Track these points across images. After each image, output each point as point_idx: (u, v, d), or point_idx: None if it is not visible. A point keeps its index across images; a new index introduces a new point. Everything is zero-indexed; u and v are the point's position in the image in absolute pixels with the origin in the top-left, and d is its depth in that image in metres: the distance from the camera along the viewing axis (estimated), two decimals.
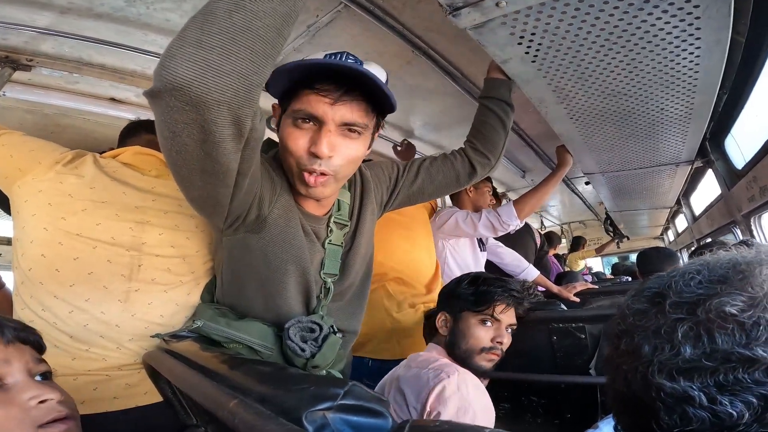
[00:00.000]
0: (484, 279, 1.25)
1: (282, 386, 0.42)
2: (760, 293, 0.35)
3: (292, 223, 0.88)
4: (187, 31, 0.53)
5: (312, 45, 1.38)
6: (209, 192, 0.70)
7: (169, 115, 0.55)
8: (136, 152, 1.13)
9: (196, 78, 0.51)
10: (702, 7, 0.85)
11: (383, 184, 1.10)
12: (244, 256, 0.88)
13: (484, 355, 1.17)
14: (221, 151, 0.60)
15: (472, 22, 0.92)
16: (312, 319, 0.86)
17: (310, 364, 0.82)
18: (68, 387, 0.93)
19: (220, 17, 0.52)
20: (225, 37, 0.52)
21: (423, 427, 0.29)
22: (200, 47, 0.51)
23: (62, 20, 1.24)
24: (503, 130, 1.22)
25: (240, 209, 0.78)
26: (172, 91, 0.52)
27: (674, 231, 4.86)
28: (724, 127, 1.85)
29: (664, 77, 1.16)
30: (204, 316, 0.89)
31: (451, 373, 1.03)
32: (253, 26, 0.53)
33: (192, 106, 0.53)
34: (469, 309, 1.21)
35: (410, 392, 1.06)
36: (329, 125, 0.78)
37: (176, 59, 0.51)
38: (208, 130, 0.56)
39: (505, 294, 1.21)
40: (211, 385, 0.47)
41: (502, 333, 1.20)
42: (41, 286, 0.96)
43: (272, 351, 0.87)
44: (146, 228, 1.04)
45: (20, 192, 1.00)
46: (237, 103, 0.55)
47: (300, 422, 0.34)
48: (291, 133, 0.80)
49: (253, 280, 0.90)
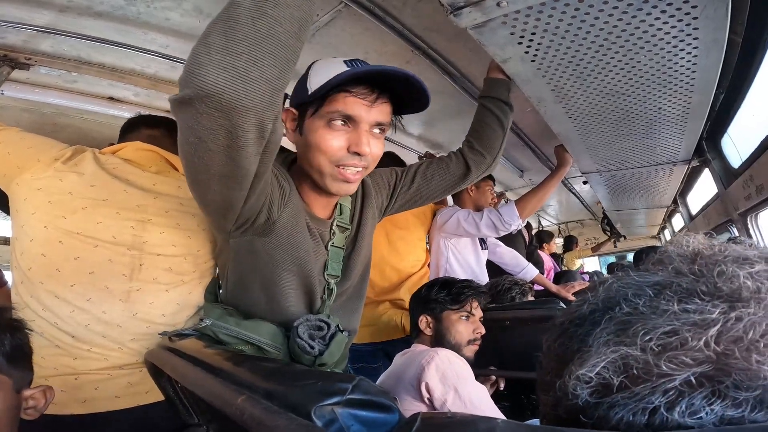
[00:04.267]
0: (453, 282, 1.44)
1: (289, 382, 0.42)
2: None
3: (300, 226, 0.90)
4: (211, 37, 0.54)
5: (312, 44, 1.38)
6: (225, 196, 0.72)
7: (197, 121, 0.56)
8: (137, 148, 1.12)
9: (227, 85, 0.53)
10: (699, 7, 0.86)
11: (383, 189, 1.13)
12: (250, 258, 0.89)
13: (470, 346, 1.36)
14: (244, 154, 0.62)
15: (473, 21, 0.92)
16: (320, 317, 0.89)
17: (318, 361, 0.84)
18: (69, 386, 0.93)
19: (244, 23, 0.53)
20: (250, 44, 0.53)
21: (434, 418, 0.29)
22: (228, 54, 0.53)
23: (61, 19, 1.24)
24: (501, 130, 1.24)
25: (250, 212, 0.80)
26: (204, 98, 0.53)
27: (671, 230, 4.88)
28: (720, 126, 1.87)
29: (661, 77, 1.17)
30: (212, 315, 0.90)
31: (438, 350, 1.21)
32: (275, 32, 0.55)
33: (222, 112, 0.55)
34: (448, 309, 1.38)
35: (407, 372, 1.19)
36: (364, 125, 0.83)
37: (205, 67, 0.53)
38: (234, 134, 0.58)
39: (474, 291, 1.41)
40: (217, 382, 0.47)
41: (478, 325, 1.40)
42: (41, 285, 0.95)
43: (280, 350, 0.88)
44: (147, 227, 1.04)
45: (19, 190, 0.98)
46: (262, 107, 0.57)
47: (309, 417, 0.35)
48: (325, 134, 0.83)
49: (259, 281, 0.91)
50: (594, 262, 7.67)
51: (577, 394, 0.30)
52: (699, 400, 0.27)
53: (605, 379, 0.29)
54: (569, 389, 0.31)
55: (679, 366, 0.27)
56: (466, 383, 1.13)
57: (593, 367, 0.30)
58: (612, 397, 0.29)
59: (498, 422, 0.27)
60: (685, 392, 0.27)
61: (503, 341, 1.65)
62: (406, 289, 1.97)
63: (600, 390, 0.30)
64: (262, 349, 0.88)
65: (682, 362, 0.27)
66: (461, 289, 1.40)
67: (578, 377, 0.30)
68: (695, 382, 0.27)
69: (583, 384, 0.30)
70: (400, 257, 2.00)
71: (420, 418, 0.29)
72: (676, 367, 0.27)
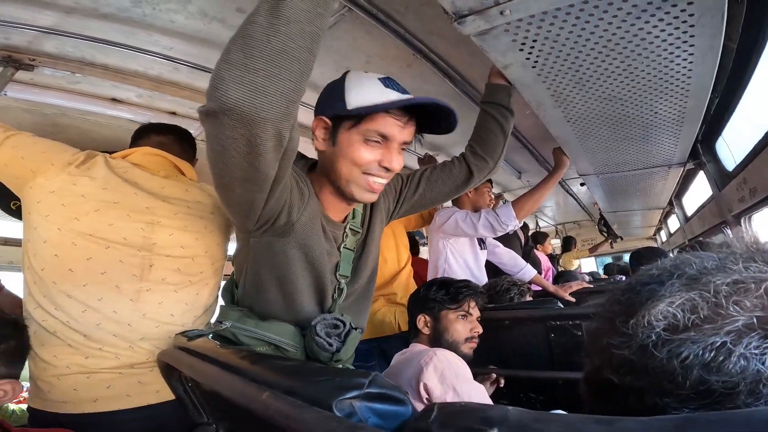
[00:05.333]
0: (451, 282, 1.47)
1: (308, 378, 0.44)
2: (631, 330, 0.38)
3: (316, 228, 0.95)
4: (231, 54, 0.59)
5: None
6: (246, 198, 0.77)
7: (220, 131, 0.62)
8: (145, 153, 1.16)
9: (246, 99, 0.58)
10: (696, 15, 0.89)
11: (390, 195, 1.18)
12: (268, 257, 0.93)
13: (468, 344, 1.39)
14: (263, 161, 0.67)
15: (476, 29, 0.94)
16: (335, 316, 0.93)
17: (335, 358, 0.89)
18: (81, 384, 0.95)
19: (259, 41, 0.58)
20: (266, 61, 0.58)
21: (449, 406, 0.31)
22: (246, 70, 0.58)
23: (66, 20, 1.25)
24: (502, 135, 1.27)
25: (270, 214, 0.84)
26: (226, 111, 0.59)
27: (667, 231, 4.92)
28: (715, 130, 1.90)
29: (658, 82, 1.20)
30: (231, 318, 0.94)
31: (437, 350, 1.23)
32: (289, 48, 0.59)
33: (242, 124, 0.60)
34: (447, 308, 1.41)
35: (405, 372, 1.21)
36: (395, 144, 0.90)
37: (227, 82, 0.58)
38: (253, 143, 0.63)
39: (472, 291, 1.44)
40: (237, 379, 0.49)
41: (476, 324, 1.43)
42: (54, 285, 0.97)
43: (297, 349, 0.93)
44: (156, 229, 1.06)
45: (32, 193, 1.01)
46: (279, 118, 0.62)
47: (330, 410, 0.37)
48: (361, 149, 0.90)
49: (275, 280, 0.95)
50: (591, 263, 7.72)
51: (653, 326, 0.35)
52: (756, 340, 0.31)
53: (676, 318, 0.34)
54: (644, 324, 0.36)
55: (742, 309, 0.33)
56: (465, 383, 1.15)
57: (669, 305, 0.35)
58: (683, 334, 0.34)
59: (509, 409, 0.29)
60: (745, 333, 0.32)
61: (502, 340, 1.67)
62: (398, 284, 2.01)
63: (670, 328, 0.34)
64: (281, 348, 0.92)
65: (745, 306, 0.33)
66: (459, 288, 1.43)
67: (654, 313, 0.35)
68: (756, 324, 0.32)
69: (660, 318, 0.35)
70: (386, 254, 2.05)
71: (436, 407, 0.31)
72: (740, 310, 0.33)
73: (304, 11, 0.60)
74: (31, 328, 0.99)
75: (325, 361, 0.90)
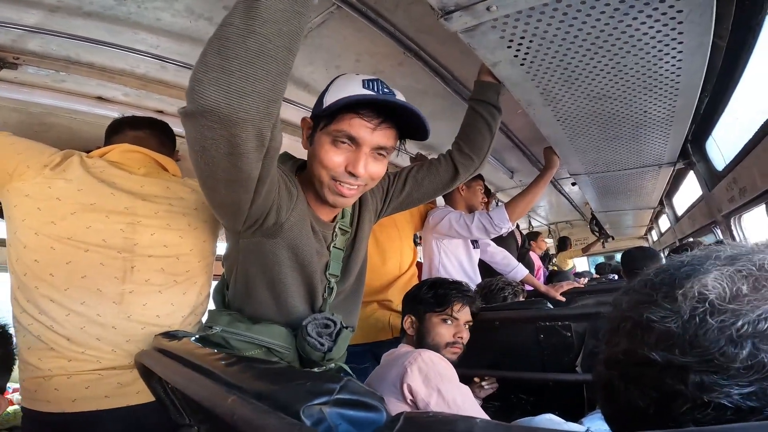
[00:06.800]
0: (442, 283, 1.43)
1: (278, 382, 0.43)
2: (676, 307, 0.37)
3: (306, 229, 0.94)
4: (208, 56, 0.58)
5: (304, 45, 1.38)
6: (232, 198, 0.76)
7: (200, 132, 0.62)
8: (124, 150, 1.13)
9: (224, 101, 0.57)
10: (685, 12, 0.88)
11: (378, 194, 1.18)
12: (258, 258, 0.92)
13: (449, 349, 1.34)
14: (245, 161, 0.66)
15: (463, 25, 0.93)
16: (326, 315, 0.94)
17: (327, 357, 0.89)
18: (62, 385, 0.96)
19: (235, 43, 0.57)
20: (242, 62, 0.57)
21: (416, 417, 0.30)
22: (222, 72, 0.57)
23: (51, 18, 1.23)
24: (489, 133, 1.27)
25: (258, 214, 0.83)
26: (204, 113, 0.59)
27: (657, 231, 4.96)
28: (705, 129, 1.90)
29: (647, 80, 1.19)
30: (221, 322, 0.93)
31: (422, 352, 1.20)
32: (266, 49, 0.58)
33: (221, 125, 0.60)
34: (431, 310, 1.37)
35: (390, 373, 1.19)
36: (365, 148, 0.88)
37: (204, 84, 0.58)
38: (234, 143, 0.62)
39: (460, 295, 1.39)
40: (208, 382, 0.48)
41: (461, 329, 1.37)
42: (36, 290, 0.97)
43: (289, 350, 0.93)
44: (137, 229, 1.05)
45: (9, 196, 1.00)
46: (259, 118, 0.61)
47: (298, 416, 0.35)
48: (329, 151, 0.88)
49: (266, 281, 0.94)
50: (583, 263, 7.77)
51: (704, 295, 0.35)
52: None
53: (726, 289, 0.35)
54: (694, 294, 0.35)
55: None
56: (450, 384, 1.13)
57: (718, 276, 0.36)
58: (735, 303, 0.33)
59: (476, 421, 0.28)
60: None
61: (492, 341, 1.66)
62: (395, 290, 1.97)
63: (722, 297, 0.34)
64: (272, 351, 0.92)
65: None
66: (447, 291, 1.39)
67: (704, 284, 0.35)
68: None
69: (710, 288, 0.35)
70: (387, 257, 2.00)
71: (403, 417, 0.30)
72: None
73: (281, 11, 0.58)
74: (19, 333, 1.00)
75: (318, 361, 0.90)
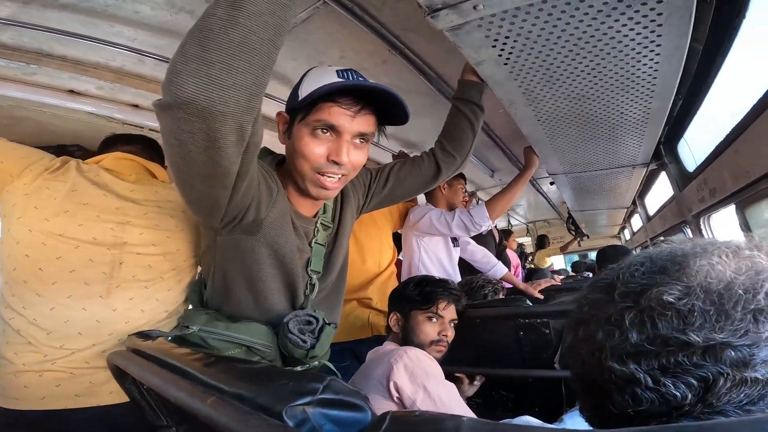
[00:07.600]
0: (428, 281, 1.43)
1: (259, 382, 0.41)
2: (694, 282, 0.39)
3: (286, 225, 0.92)
4: (187, 47, 0.56)
5: (289, 41, 1.36)
6: (209, 195, 0.74)
7: (176, 125, 0.59)
8: (116, 157, 1.20)
9: (201, 92, 0.55)
10: (665, 14, 0.90)
11: (359, 189, 1.17)
12: (236, 256, 0.90)
13: (434, 347, 1.34)
14: (223, 155, 0.64)
15: (449, 23, 0.93)
16: (308, 312, 0.92)
17: (310, 354, 0.87)
18: (32, 382, 0.97)
19: (217, 33, 0.55)
20: (224, 53, 0.55)
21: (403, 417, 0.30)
22: (202, 63, 0.55)
23: (24, 11, 1.18)
24: (471, 132, 1.28)
25: (236, 210, 0.81)
26: (181, 105, 0.56)
27: (630, 230, 5.11)
28: (677, 131, 1.96)
29: (625, 82, 1.22)
30: (198, 322, 0.90)
31: (407, 349, 1.21)
32: (249, 40, 0.56)
33: (199, 118, 0.57)
34: (416, 308, 1.38)
35: (376, 371, 1.19)
36: (346, 136, 0.86)
37: (182, 75, 0.55)
38: (212, 137, 0.60)
39: (446, 293, 1.39)
40: (186, 383, 0.46)
41: (446, 327, 1.38)
42: (24, 284, 1.00)
43: (270, 349, 0.91)
44: (127, 228, 1.09)
45: (8, 197, 1.05)
46: (239, 112, 0.59)
47: (280, 417, 0.34)
48: (309, 142, 0.86)
49: (244, 279, 0.92)
50: (560, 261, 7.97)
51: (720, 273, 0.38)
52: None
53: (732, 266, 0.39)
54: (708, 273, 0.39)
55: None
56: (436, 381, 1.14)
57: (717, 256, 0.40)
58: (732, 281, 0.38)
59: (464, 420, 0.28)
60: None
61: (474, 339, 1.67)
62: (375, 288, 1.97)
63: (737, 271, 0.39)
64: (253, 350, 0.89)
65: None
66: (433, 289, 1.40)
67: (712, 262, 0.40)
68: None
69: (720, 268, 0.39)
70: (366, 255, 2.00)
71: (389, 416, 0.29)
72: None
73: (267, 2, 0.56)
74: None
75: (301, 359, 0.89)
